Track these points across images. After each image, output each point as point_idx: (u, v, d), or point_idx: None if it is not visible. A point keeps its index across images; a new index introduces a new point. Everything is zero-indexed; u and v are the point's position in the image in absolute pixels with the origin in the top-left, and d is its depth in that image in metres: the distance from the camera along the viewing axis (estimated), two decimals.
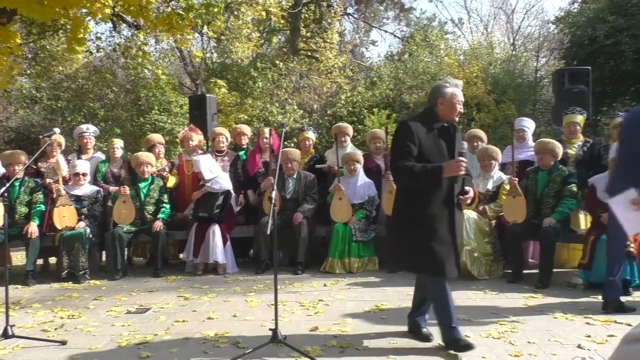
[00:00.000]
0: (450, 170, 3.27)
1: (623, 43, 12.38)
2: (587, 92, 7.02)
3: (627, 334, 1.40)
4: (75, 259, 5.82)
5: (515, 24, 23.92)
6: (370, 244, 6.08)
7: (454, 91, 3.44)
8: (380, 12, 23.45)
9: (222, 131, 6.90)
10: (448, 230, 3.39)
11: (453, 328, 3.43)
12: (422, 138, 3.38)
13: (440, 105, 3.46)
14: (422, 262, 3.43)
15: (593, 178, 5.17)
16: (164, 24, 7.63)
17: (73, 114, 13.89)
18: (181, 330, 3.99)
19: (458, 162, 3.27)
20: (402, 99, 14.95)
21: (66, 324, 4.23)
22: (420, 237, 3.39)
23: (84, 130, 6.83)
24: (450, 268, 3.39)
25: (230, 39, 14.53)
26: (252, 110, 14.34)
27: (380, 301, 4.64)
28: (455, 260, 3.44)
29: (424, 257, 3.38)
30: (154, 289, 5.41)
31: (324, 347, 3.50)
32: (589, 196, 5.16)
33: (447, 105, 3.44)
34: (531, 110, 15.77)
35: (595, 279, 4.83)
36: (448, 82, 3.51)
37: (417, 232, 3.40)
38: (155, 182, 6.31)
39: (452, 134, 3.48)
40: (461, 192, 3.39)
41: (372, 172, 6.44)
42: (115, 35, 13.72)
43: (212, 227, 6.01)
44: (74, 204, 5.99)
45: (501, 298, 4.71)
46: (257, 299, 4.83)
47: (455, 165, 3.27)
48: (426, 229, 3.37)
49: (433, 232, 3.36)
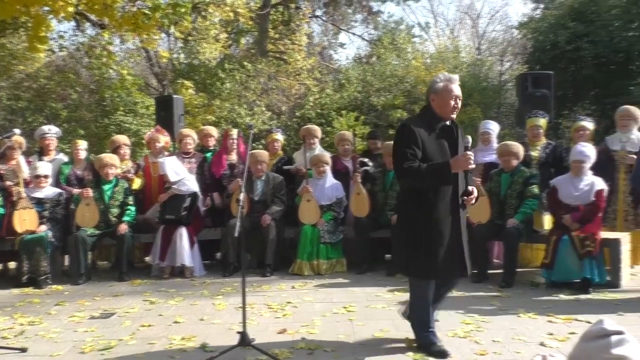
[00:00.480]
0: (458, 165, 3.20)
1: (583, 49, 12.73)
2: (550, 96, 7.19)
3: (586, 332, 1.44)
4: (36, 264, 5.66)
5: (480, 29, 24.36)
6: (338, 246, 6.10)
7: (445, 85, 3.31)
8: (348, 14, 23.56)
9: (189, 133, 6.82)
10: (454, 232, 3.30)
11: (429, 332, 3.43)
12: (425, 139, 3.27)
13: (433, 102, 3.35)
14: (408, 263, 3.40)
15: (554, 180, 5.31)
16: (129, 23, 7.50)
17: (34, 115, 13.51)
18: (147, 335, 3.92)
19: (466, 156, 3.20)
20: (370, 101, 15.01)
21: (26, 330, 4.11)
22: (416, 239, 3.33)
23: (46, 131, 6.66)
24: (444, 270, 3.31)
25: (198, 40, 14.38)
26: (220, 111, 14.21)
27: (348, 302, 4.66)
28: (461, 261, 3.35)
29: (413, 258, 3.34)
30: (119, 293, 5.31)
31: (293, 350, 3.49)
32: (550, 198, 5.30)
33: (439, 101, 3.32)
34: (496, 113, 16.05)
35: (557, 278, 4.97)
36: (439, 77, 3.39)
37: (416, 233, 3.33)
38: (120, 184, 6.19)
39: (455, 132, 3.38)
40: (465, 193, 3.34)
41: (340, 173, 6.47)
42: (78, 34, 13.45)
43: (179, 230, 5.93)
44: (35, 207, 5.83)
45: (467, 297, 4.78)
46: (224, 302, 4.79)
47: (464, 160, 3.19)
48: (427, 231, 3.28)
49: (436, 235, 3.27)
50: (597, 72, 12.95)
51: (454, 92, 3.31)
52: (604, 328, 1.39)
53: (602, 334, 1.38)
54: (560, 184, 5.18)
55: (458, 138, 3.38)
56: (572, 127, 6.30)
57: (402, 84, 15.55)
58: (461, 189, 3.34)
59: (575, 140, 5.80)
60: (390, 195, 6.07)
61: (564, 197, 5.10)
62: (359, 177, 6.06)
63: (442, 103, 3.32)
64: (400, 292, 4.98)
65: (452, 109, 3.33)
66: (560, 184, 5.19)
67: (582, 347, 1.41)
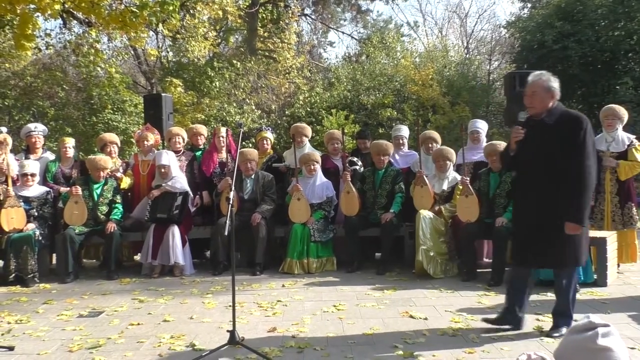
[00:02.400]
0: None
1: (570, 48, 12.86)
2: None
3: (573, 325, 1.48)
4: (23, 262, 5.60)
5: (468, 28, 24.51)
6: (328, 244, 6.10)
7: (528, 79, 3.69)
8: (337, 13, 23.62)
9: (179, 131, 6.79)
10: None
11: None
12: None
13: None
14: (583, 254, 3.61)
15: None
16: (117, 21, 7.43)
17: (21, 113, 13.38)
18: (136, 333, 3.91)
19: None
20: (360, 100, 15.06)
21: (14, 329, 4.08)
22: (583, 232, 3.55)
23: (32, 129, 6.59)
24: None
25: (187, 38, 14.31)
26: (209, 110, 14.18)
27: (338, 301, 4.67)
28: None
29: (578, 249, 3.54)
30: (108, 291, 5.28)
31: (282, 348, 3.50)
32: None
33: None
34: (484, 112, 16.17)
35: (544, 276, 4.99)
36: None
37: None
38: (109, 183, 6.15)
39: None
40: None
41: (330, 172, 6.47)
42: (65, 32, 13.31)
43: (172, 229, 5.91)
44: (22, 205, 5.78)
45: (456, 296, 4.81)
46: (214, 301, 4.78)
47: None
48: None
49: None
50: (583, 71, 13.09)
51: (529, 88, 3.64)
52: (591, 321, 1.42)
53: (590, 326, 1.41)
54: None
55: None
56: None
57: (392, 83, 15.62)
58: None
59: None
60: (380, 194, 6.09)
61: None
62: (348, 175, 6.08)
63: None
64: (390, 290, 5.01)
65: (527, 103, 3.68)
66: None
67: (570, 340, 1.45)
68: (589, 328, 1.41)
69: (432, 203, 5.80)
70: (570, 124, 3.47)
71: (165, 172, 6.07)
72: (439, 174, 5.98)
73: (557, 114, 3.56)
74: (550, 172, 3.49)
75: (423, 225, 5.55)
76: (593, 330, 1.40)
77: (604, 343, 1.37)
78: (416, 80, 15.10)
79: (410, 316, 4.18)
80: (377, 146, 6.19)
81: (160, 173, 6.10)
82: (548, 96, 3.56)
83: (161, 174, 6.10)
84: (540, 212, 3.53)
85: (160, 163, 6.07)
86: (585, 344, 1.39)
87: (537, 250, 3.57)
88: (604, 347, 1.37)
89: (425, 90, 14.77)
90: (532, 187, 3.60)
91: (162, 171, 6.08)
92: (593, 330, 1.40)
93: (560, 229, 3.44)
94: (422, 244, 5.49)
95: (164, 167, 6.06)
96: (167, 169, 6.06)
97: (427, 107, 14.86)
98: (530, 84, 3.62)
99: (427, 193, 5.78)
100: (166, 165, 6.05)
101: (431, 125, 13.37)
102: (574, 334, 1.44)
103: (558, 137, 3.47)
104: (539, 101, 3.57)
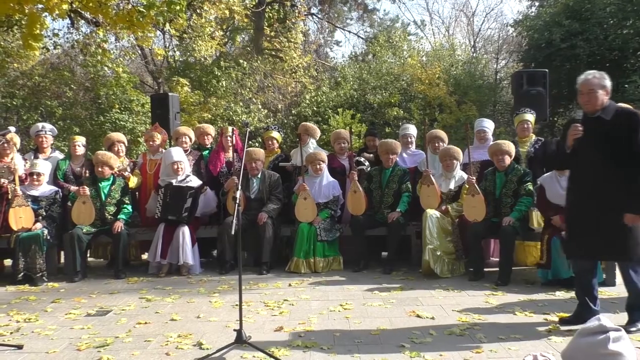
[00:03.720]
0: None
1: (578, 47, 12.78)
2: (544, 94, 7.21)
3: (582, 328, 1.46)
4: (32, 261, 5.64)
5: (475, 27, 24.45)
6: (334, 244, 6.10)
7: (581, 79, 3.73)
8: (344, 12, 23.57)
9: (186, 131, 6.80)
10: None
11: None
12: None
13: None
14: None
15: (541, 178, 5.28)
16: (124, 21, 7.47)
17: (29, 113, 13.47)
18: (143, 332, 3.92)
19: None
20: (366, 99, 15.06)
21: (22, 327, 4.10)
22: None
23: (40, 128, 6.63)
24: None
25: (193, 37, 14.35)
26: (216, 109, 14.21)
27: (344, 300, 4.66)
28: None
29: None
30: (115, 290, 5.30)
31: (289, 347, 3.50)
32: (539, 197, 5.29)
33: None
34: (491, 111, 16.13)
35: (553, 276, 4.97)
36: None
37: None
38: (117, 182, 6.17)
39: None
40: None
41: (337, 171, 6.47)
42: (73, 32, 13.39)
43: (182, 228, 5.92)
44: (31, 204, 5.82)
45: (463, 296, 4.79)
46: (221, 300, 4.79)
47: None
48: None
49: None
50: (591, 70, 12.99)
51: (586, 85, 3.70)
52: (602, 325, 1.41)
53: (601, 330, 1.40)
54: (547, 183, 5.16)
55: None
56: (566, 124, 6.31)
57: (398, 82, 15.60)
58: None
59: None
60: (386, 193, 6.08)
61: (552, 197, 5.04)
62: (355, 175, 6.07)
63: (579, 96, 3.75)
64: (396, 289, 5.00)
65: (584, 102, 3.73)
66: (546, 182, 5.16)
67: (578, 342, 1.43)
68: (600, 331, 1.40)
69: (438, 202, 5.79)
70: (628, 120, 3.59)
71: (179, 168, 6.09)
72: (446, 173, 5.96)
73: (612, 110, 3.67)
74: (609, 166, 3.58)
75: (430, 225, 5.53)
76: (604, 334, 1.38)
77: (615, 348, 1.36)
78: (423, 79, 15.07)
79: (417, 315, 4.17)
80: (385, 145, 6.18)
81: (174, 170, 6.11)
82: (603, 93, 3.68)
83: (174, 171, 6.11)
84: (600, 206, 3.61)
85: (175, 159, 6.09)
86: (596, 348, 1.37)
87: (598, 243, 3.64)
88: (615, 351, 1.36)
89: (432, 89, 14.75)
90: (591, 183, 3.66)
91: (175, 167, 6.09)
92: (604, 334, 1.38)
93: (621, 221, 3.52)
94: (429, 243, 5.48)
95: (178, 162, 6.08)
96: (182, 164, 6.08)
97: (434, 106, 14.83)
98: (586, 83, 3.71)
99: (433, 192, 5.77)
100: (181, 161, 6.07)
101: (438, 125, 13.34)
102: (584, 336, 1.42)
103: (617, 132, 3.57)
104: (596, 98, 3.66)
